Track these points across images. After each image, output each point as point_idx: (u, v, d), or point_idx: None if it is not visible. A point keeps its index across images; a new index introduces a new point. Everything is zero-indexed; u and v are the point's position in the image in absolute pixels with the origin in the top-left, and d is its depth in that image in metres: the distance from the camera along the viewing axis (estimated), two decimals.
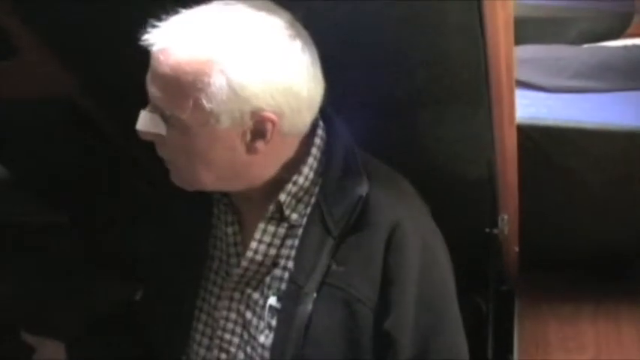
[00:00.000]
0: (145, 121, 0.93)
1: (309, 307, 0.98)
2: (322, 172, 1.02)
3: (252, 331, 1.04)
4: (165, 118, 0.92)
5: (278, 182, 1.00)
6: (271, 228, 1.02)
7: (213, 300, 1.08)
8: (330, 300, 0.98)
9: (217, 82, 0.87)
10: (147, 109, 0.93)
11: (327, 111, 1.03)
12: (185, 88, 0.88)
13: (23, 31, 1.15)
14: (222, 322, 1.07)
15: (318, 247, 0.99)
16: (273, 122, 0.92)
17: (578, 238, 1.73)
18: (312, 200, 1.02)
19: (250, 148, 0.94)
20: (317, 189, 1.02)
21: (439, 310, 1.02)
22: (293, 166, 1.00)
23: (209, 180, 0.97)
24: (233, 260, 1.07)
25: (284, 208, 1.01)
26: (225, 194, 1.07)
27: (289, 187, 1.00)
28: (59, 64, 1.23)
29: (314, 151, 1.02)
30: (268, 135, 0.93)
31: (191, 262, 1.09)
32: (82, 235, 1.73)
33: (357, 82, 1.09)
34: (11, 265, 1.68)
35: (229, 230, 1.07)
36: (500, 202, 1.35)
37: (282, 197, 1.00)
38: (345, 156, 1.02)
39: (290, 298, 0.99)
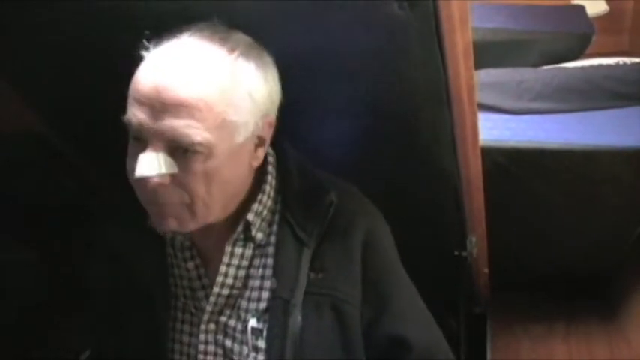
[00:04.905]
0: (152, 165, 0.86)
1: (299, 317, 0.98)
2: (279, 188, 1.04)
3: (236, 357, 1.03)
4: (178, 153, 0.87)
5: (238, 206, 1.00)
6: (238, 250, 1.02)
7: (185, 338, 1.05)
8: (317, 308, 1.00)
9: (239, 93, 0.88)
10: (149, 150, 0.86)
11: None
12: (212, 107, 0.86)
13: None
14: (201, 357, 1.04)
15: (296, 259, 1.00)
16: (271, 126, 0.96)
17: (547, 258, 1.75)
18: (276, 218, 1.03)
19: (254, 158, 0.96)
20: (278, 206, 1.03)
21: (417, 298, 1.10)
22: (254, 187, 1.01)
23: (218, 209, 0.95)
24: (200, 294, 1.05)
25: (251, 228, 1.01)
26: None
27: (255, 206, 1.01)
28: (24, 100, 1.22)
29: (270, 169, 1.03)
30: (267, 140, 0.96)
31: (155, 309, 1.04)
32: (49, 271, 1.70)
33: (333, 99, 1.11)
34: None
35: (190, 265, 1.04)
36: (468, 224, 1.36)
37: (251, 217, 1.00)
38: (299, 170, 1.05)
39: (277, 313, 0.99)
